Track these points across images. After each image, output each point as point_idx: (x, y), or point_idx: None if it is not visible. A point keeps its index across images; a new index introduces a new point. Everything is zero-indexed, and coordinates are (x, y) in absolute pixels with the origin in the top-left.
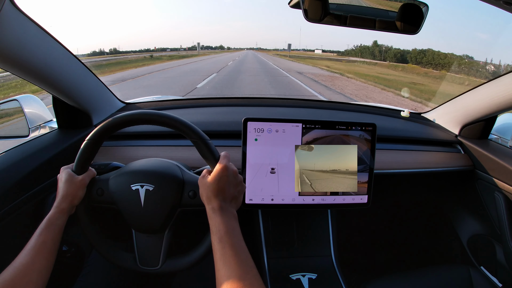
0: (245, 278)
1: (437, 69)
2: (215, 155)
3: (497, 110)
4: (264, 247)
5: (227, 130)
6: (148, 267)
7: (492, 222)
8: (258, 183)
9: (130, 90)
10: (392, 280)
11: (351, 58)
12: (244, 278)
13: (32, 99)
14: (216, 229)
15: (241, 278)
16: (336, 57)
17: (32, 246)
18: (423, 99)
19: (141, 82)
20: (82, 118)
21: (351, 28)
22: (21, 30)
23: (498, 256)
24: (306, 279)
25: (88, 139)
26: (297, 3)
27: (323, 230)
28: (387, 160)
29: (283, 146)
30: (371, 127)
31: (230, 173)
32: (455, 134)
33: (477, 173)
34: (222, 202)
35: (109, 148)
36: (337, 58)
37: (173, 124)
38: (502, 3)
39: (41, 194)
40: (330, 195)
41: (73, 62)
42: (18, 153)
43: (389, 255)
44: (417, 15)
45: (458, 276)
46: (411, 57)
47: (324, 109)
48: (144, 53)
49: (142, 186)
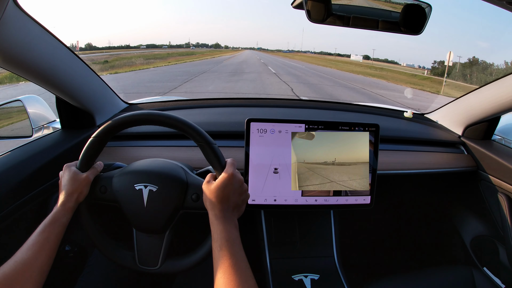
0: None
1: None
2: (221, 161)
3: (500, 111)
4: (267, 247)
5: (230, 130)
6: (147, 267)
7: (495, 223)
8: (260, 183)
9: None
10: (394, 281)
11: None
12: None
13: (35, 100)
14: (217, 236)
15: (239, 287)
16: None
17: (35, 242)
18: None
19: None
20: (85, 119)
21: (354, 28)
22: (24, 31)
23: (501, 257)
24: (308, 280)
25: (94, 137)
26: (300, 3)
27: (326, 230)
28: (390, 160)
29: (286, 147)
30: (374, 127)
31: (236, 181)
32: (458, 135)
33: (480, 174)
34: (225, 210)
35: (112, 148)
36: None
37: (180, 126)
38: (505, 3)
39: (44, 194)
40: (333, 195)
41: (76, 63)
42: (21, 153)
43: (392, 256)
44: (420, 16)
45: (460, 277)
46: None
47: (327, 110)
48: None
49: (145, 186)
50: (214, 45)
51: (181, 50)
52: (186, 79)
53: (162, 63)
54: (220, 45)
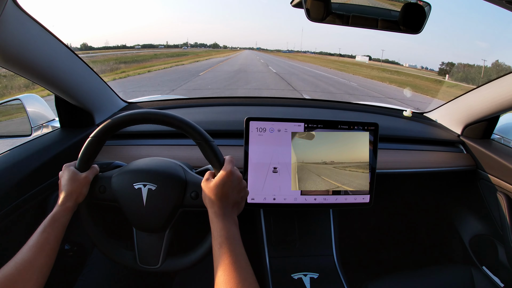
0: (244, 285)
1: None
2: (220, 159)
3: (499, 110)
4: (266, 246)
5: (229, 129)
6: (148, 266)
7: (494, 222)
8: (260, 182)
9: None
10: (393, 280)
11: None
12: (243, 285)
13: (34, 99)
14: (217, 234)
15: (239, 285)
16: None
17: (35, 242)
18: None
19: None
20: (84, 117)
21: (353, 27)
22: (23, 30)
23: (500, 256)
24: (308, 279)
25: (92, 136)
26: (299, 2)
27: (325, 229)
28: (389, 159)
29: (285, 146)
30: (374, 126)
31: (235, 178)
32: (458, 134)
33: (480, 173)
34: (225, 208)
35: (111, 147)
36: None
37: (178, 124)
38: (505, 3)
39: (43, 193)
40: (332, 194)
41: (75, 62)
42: (20, 152)
43: (391, 254)
44: (420, 15)
45: (459, 276)
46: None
47: (326, 109)
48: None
49: (144, 185)
50: (212, 45)
51: (175, 50)
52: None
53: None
54: (219, 45)
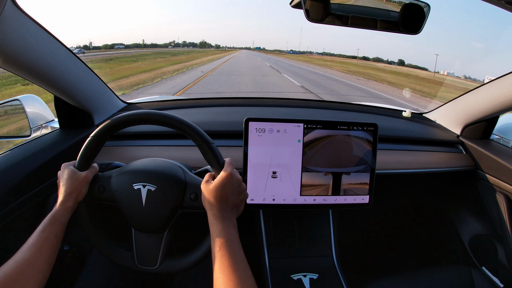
0: (243, 287)
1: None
2: (220, 161)
3: (499, 110)
4: (265, 247)
5: (229, 130)
6: (146, 267)
7: (493, 223)
8: (259, 183)
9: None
10: (393, 281)
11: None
12: (242, 287)
13: (33, 99)
14: (216, 236)
15: (239, 287)
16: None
17: (35, 241)
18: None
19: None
20: (83, 118)
21: (352, 28)
22: (22, 30)
23: (500, 257)
24: (307, 279)
25: (93, 136)
26: (299, 3)
27: (324, 230)
28: (389, 160)
29: (285, 146)
30: (373, 127)
31: (235, 181)
32: (457, 134)
33: (479, 174)
34: (224, 210)
35: (110, 147)
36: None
37: (178, 125)
38: (504, 3)
39: (42, 194)
40: (332, 194)
41: (74, 62)
42: (20, 153)
43: (390, 255)
44: (419, 15)
45: (459, 276)
46: None
47: (325, 109)
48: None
49: (144, 186)
50: (199, 44)
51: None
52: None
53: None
54: (210, 44)
